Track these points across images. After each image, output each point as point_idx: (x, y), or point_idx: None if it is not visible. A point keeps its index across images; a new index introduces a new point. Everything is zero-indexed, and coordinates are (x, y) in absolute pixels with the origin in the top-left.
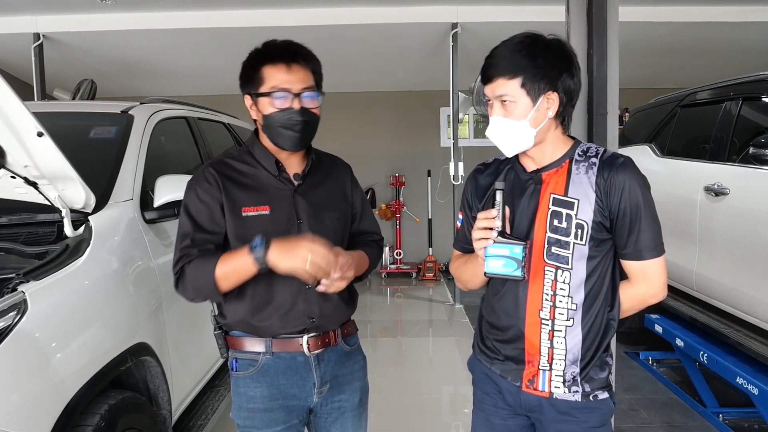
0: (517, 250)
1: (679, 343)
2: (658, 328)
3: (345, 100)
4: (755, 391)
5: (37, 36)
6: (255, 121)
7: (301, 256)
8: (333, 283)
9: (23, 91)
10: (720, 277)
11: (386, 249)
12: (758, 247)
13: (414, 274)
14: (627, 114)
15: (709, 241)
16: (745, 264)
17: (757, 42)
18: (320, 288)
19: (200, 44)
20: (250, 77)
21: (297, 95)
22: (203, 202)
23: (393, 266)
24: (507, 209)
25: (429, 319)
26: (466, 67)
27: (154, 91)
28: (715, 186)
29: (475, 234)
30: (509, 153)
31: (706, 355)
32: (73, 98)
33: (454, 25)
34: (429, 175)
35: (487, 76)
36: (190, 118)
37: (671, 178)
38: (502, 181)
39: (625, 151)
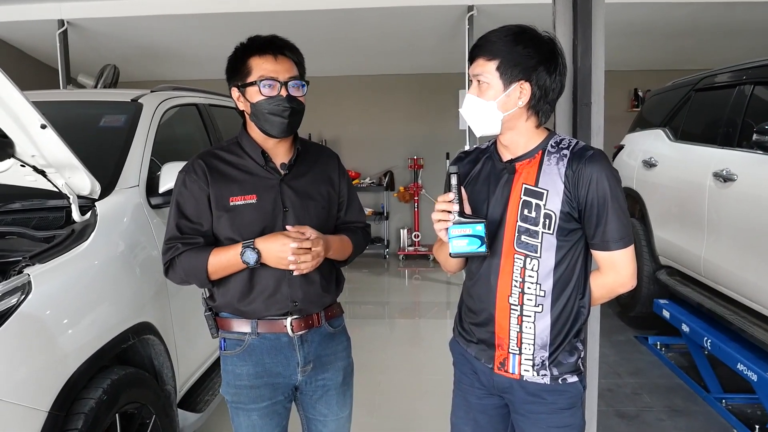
0: (479, 227)
1: (685, 328)
2: (666, 314)
3: (363, 83)
4: (754, 377)
5: (61, 22)
6: (242, 112)
7: (283, 256)
8: (301, 264)
9: (48, 76)
10: (726, 264)
11: (404, 231)
12: (763, 235)
13: (431, 257)
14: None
15: (716, 227)
16: (750, 251)
17: None
18: (295, 271)
19: (221, 29)
20: (237, 69)
21: (284, 84)
22: (190, 193)
23: (411, 248)
24: (464, 191)
25: (446, 301)
26: None
27: (176, 75)
28: (724, 172)
29: (434, 216)
30: (478, 132)
31: (710, 340)
32: (96, 83)
33: (470, 8)
34: (447, 157)
35: (471, 56)
36: (201, 104)
37: (682, 163)
38: (455, 165)
39: (641, 135)
